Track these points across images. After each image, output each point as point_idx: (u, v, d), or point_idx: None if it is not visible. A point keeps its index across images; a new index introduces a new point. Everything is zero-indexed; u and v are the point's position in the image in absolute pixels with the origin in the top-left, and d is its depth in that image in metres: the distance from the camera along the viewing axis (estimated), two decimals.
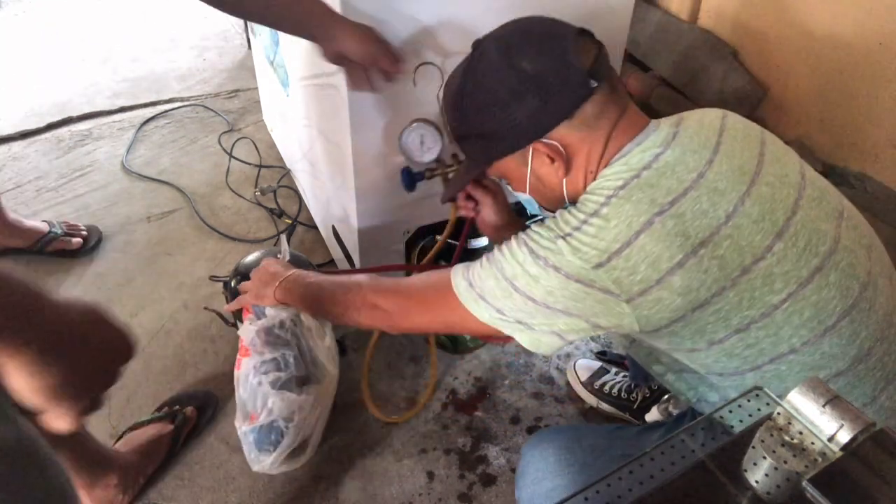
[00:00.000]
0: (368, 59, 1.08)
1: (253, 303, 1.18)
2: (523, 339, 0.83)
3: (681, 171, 0.77)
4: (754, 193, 0.78)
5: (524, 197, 0.94)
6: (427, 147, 1.28)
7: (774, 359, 0.79)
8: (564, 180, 0.86)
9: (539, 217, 0.97)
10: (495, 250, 0.84)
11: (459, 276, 0.87)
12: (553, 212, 0.93)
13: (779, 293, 0.76)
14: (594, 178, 0.83)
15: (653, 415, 1.39)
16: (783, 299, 0.76)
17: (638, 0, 1.38)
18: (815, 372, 0.79)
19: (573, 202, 0.88)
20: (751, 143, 0.83)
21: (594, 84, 0.81)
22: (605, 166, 0.82)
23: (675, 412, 1.33)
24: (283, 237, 1.33)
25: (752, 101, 1.96)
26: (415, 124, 1.25)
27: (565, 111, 0.81)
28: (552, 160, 0.84)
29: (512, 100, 0.82)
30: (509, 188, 0.96)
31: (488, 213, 1.15)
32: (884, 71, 1.58)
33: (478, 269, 0.85)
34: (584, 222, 0.77)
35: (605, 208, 0.77)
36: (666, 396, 1.38)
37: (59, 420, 0.58)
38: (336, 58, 1.08)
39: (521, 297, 0.80)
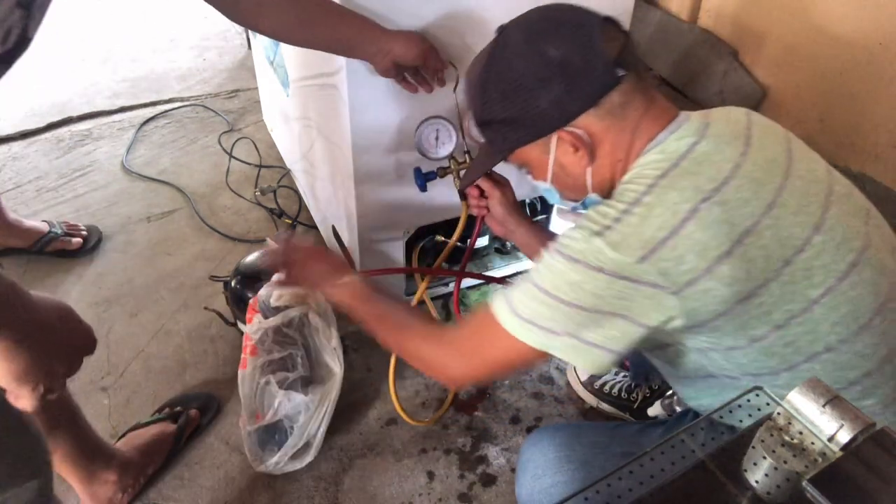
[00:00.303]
0: (420, 60, 1.09)
1: (310, 290, 1.12)
2: (578, 358, 0.78)
3: (718, 160, 0.76)
4: (790, 186, 0.77)
5: (545, 186, 0.92)
6: (441, 143, 1.28)
7: (811, 357, 0.78)
8: (589, 170, 0.85)
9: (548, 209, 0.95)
10: (531, 270, 0.81)
11: (504, 311, 0.81)
12: (576, 201, 0.92)
13: (818, 287, 0.75)
14: (625, 168, 0.82)
15: (656, 409, 1.38)
16: (822, 294, 0.76)
17: (638, 0, 1.38)
18: (847, 372, 0.79)
19: (598, 191, 0.87)
20: (778, 138, 0.83)
21: (621, 73, 0.79)
22: (637, 155, 0.81)
23: (678, 409, 1.33)
24: (269, 240, 1.33)
25: (752, 101, 1.96)
26: (430, 120, 1.26)
27: (591, 99, 0.80)
28: (576, 149, 0.83)
29: (537, 86, 0.80)
30: (529, 177, 0.94)
31: (496, 205, 1.14)
32: (884, 71, 1.58)
33: (517, 295, 0.81)
34: (626, 212, 0.75)
35: (648, 197, 0.75)
36: (670, 392, 1.38)
37: (20, 400, 0.67)
38: (389, 69, 1.09)
39: (570, 309, 0.76)
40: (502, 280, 1.50)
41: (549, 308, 0.77)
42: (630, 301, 0.74)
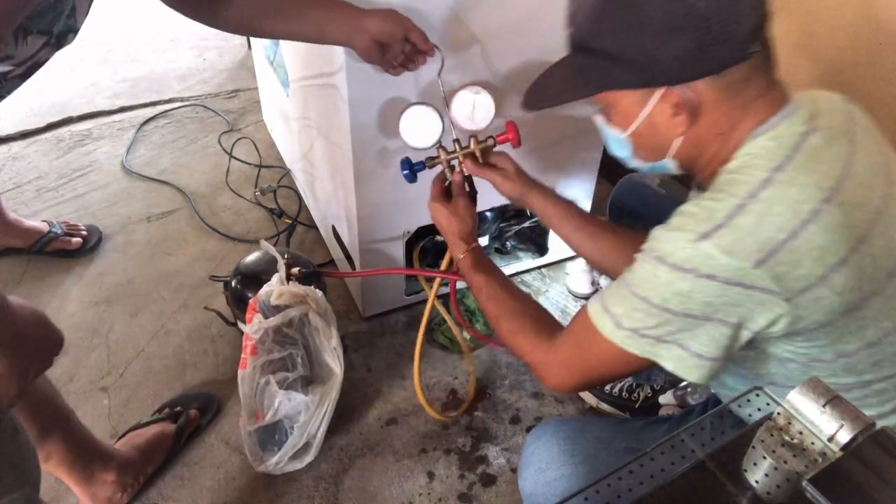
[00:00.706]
0: (401, 35, 1.03)
1: (446, 238, 1.11)
2: (684, 368, 0.74)
3: (830, 156, 0.71)
4: (893, 195, 0.73)
5: (616, 136, 0.83)
6: (428, 131, 1.22)
7: (887, 377, 0.76)
8: (681, 138, 0.77)
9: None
10: (627, 278, 0.76)
11: (605, 322, 0.77)
12: (644, 162, 0.85)
13: None
14: (725, 145, 0.76)
15: (667, 398, 1.38)
16: None
17: None
18: None
19: (679, 160, 0.81)
20: (877, 140, 0.78)
21: (754, 49, 0.71)
22: (744, 137, 0.74)
23: (692, 401, 1.32)
24: (263, 241, 1.32)
25: None
26: (413, 107, 1.16)
27: (717, 66, 0.71)
28: (677, 112, 0.74)
29: (666, 33, 0.70)
30: (597, 119, 0.85)
31: (507, 185, 1.10)
32: (883, 71, 1.58)
33: (619, 307, 0.76)
34: (740, 208, 0.68)
35: (766, 191, 0.68)
36: (684, 383, 1.37)
37: None
38: (370, 48, 1.03)
39: (677, 318, 0.71)
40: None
41: (655, 318, 0.73)
42: (741, 307, 0.70)
